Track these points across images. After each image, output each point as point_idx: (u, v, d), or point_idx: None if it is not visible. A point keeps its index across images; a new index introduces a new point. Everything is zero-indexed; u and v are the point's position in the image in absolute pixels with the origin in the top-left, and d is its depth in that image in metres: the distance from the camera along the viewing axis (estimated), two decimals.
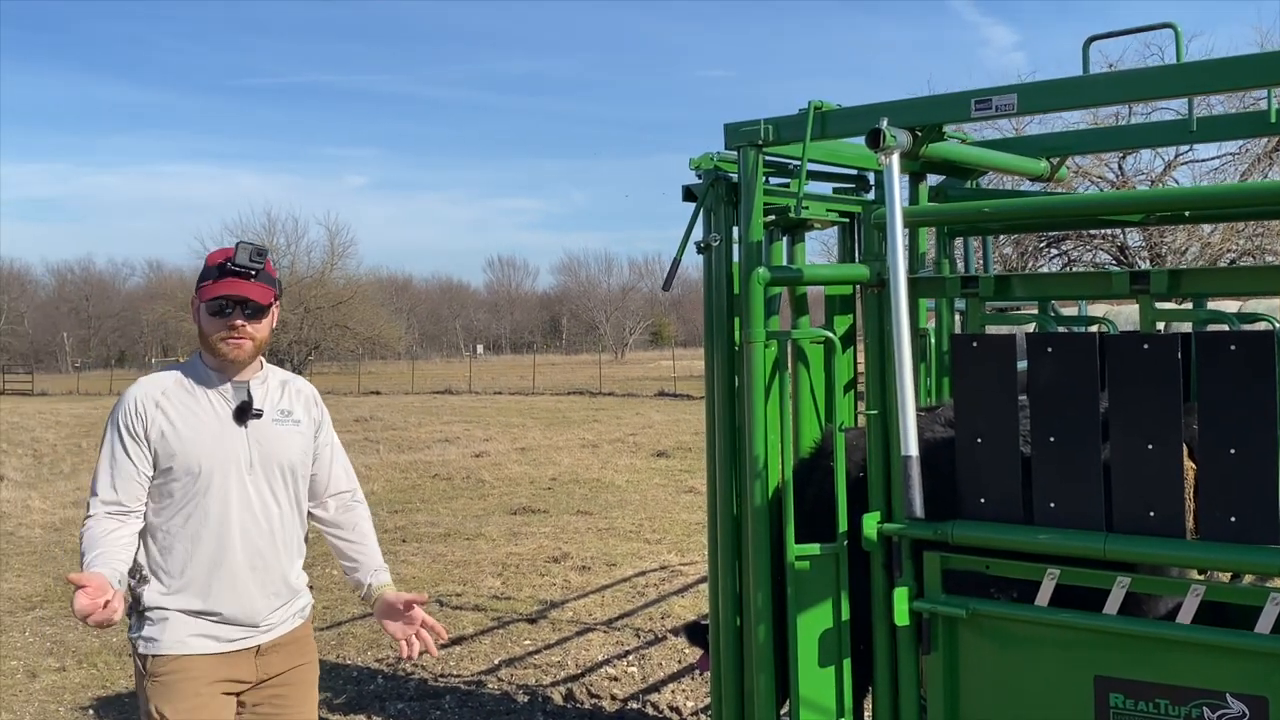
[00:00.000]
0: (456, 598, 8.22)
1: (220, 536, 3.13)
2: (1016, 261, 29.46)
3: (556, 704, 5.75)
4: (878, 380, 3.78)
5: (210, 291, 3.13)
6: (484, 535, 10.74)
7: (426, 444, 19.98)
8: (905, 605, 3.62)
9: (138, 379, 3.22)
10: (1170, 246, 29.02)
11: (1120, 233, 29.17)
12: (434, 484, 14.74)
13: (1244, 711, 3.20)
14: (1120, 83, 3.09)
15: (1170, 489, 3.25)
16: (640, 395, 33.64)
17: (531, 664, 6.47)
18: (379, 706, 5.84)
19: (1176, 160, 29.55)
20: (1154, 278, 3.30)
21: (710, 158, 4.02)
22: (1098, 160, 28.90)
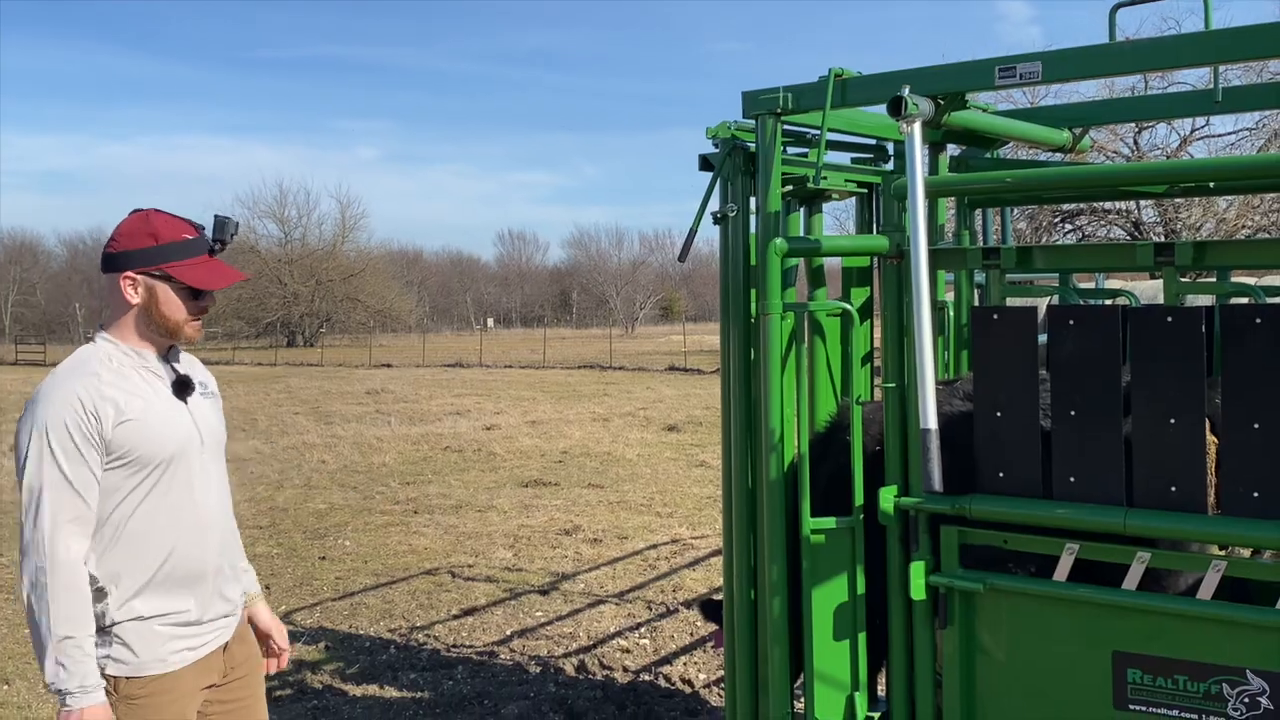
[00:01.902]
0: (468, 569, 8.24)
1: (193, 526, 2.87)
2: (1031, 236, 29.32)
3: (568, 675, 5.76)
4: (895, 353, 3.75)
5: (195, 275, 2.83)
6: (495, 507, 10.75)
7: (438, 416, 19.99)
8: (922, 580, 3.60)
9: (56, 375, 2.78)
10: (1185, 223, 28.87)
11: (1135, 208, 29.02)
12: (445, 456, 14.75)
13: (1264, 688, 3.17)
14: (1146, 51, 3.04)
15: (1192, 464, 3.22)
16: (651, 370, 33.61)
17: (543, 635, 6.48)
18: (391, 676, 5.86)
19: (1192, 135, 29.37)
20: (1179, 250, 3.25)
21: (728, 126, 3.97)
22: (1113, 135, 28.73)
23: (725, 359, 4.05)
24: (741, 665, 3.96)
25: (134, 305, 2.82)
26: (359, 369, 38.20)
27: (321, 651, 6.34)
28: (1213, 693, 3.24)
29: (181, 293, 2.83)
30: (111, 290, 2.85)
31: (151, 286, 2.81)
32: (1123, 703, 3.37)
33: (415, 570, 8.25)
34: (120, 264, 2.80)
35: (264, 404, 23.55)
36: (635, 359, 38.04)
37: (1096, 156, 27.74)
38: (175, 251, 2.81)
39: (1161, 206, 28.77)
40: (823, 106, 3.53)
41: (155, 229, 2.81)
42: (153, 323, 2.84)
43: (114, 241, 2.83)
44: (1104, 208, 28.79)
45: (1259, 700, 3.18)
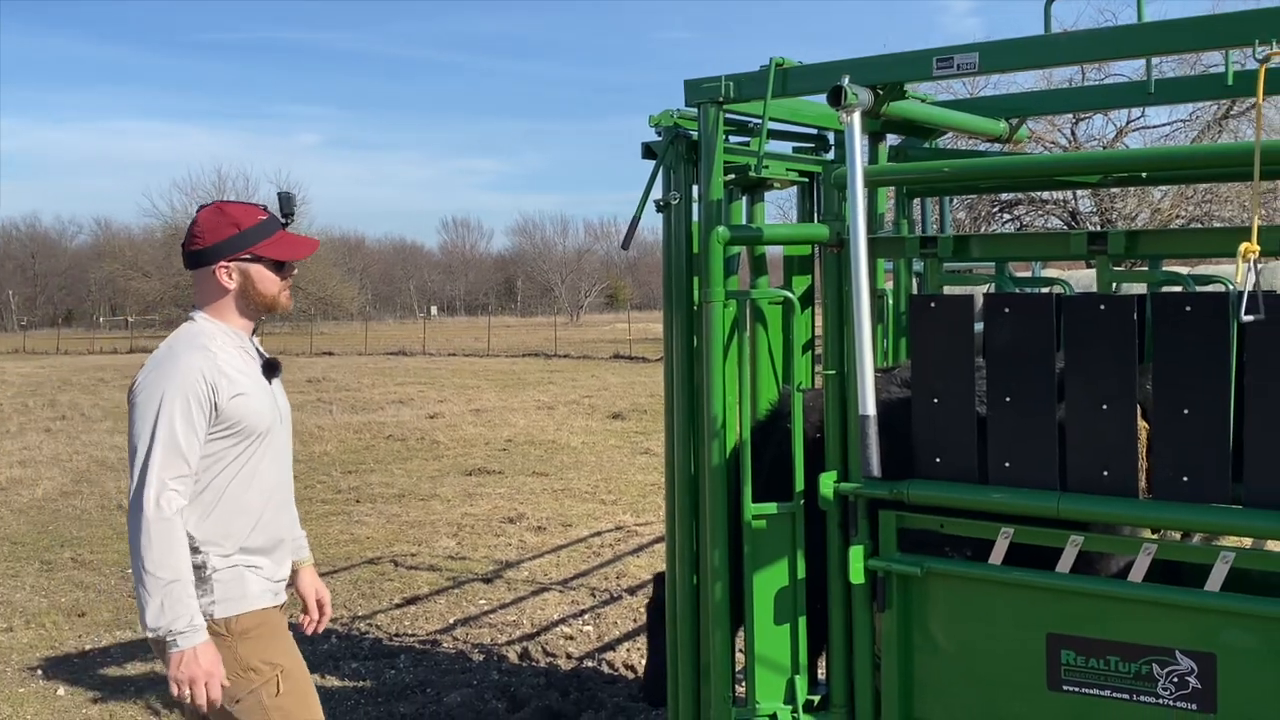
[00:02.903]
0: (411, 558, 8.20)
1: (275, 496, 3.15)
2: (970, 226, 29.66)
3: (512, 662, 5.76)
4: (836, 340, 3.78)
5: (279, 250, 3.11)
6: (439, 496, 10.71)
7: (380, 405, 19.85)
8: (861, 564, 3.64)
9: (173, 348, 2.99)
10: (1121, 212, 29.35)
11: (1072, 198, 29.45)
12: (388, 445, 14.66)
13: (1192, 667, 3.25)
14: (1081, 43, 3.09)
15: (1124, 449, 3.28)
16: (596, 358, 33.60)
17: (487, 623, 6.47)
18: (333, 666, 5.82)
19: (1128, 127, 29.85)
20: (1111, 239, 3.31)
21: (670, 115, 3.98)
22: (1051, 126, 29.13)
23: (668, 346, 4.07)
24: (683, 651, 3.99)
25: (230, 290, 3.07)
26: (300, 357, 37.77)
27: None
28: (1143, 673, 3.31)
29: (270, 268, 3.10)
30: (205, 281, 3.08)
31: (245, 270, 3.06)
32: (1056, 684, 3.44)
33: (357, 560, 8.20)
34: (211, 257, 3.04)
35: None
36: (580, 347, 37.99)
37: (1035, 147, 28.11)
38: (256, 234, 3.07)
39: (1098, 197, 29.22)
40: (764, 96, 3.55)
41: (234, 218, 3.06)
42: (251, 302, 3.10)
43: (197, 239, 3.05)
44: (1042, 198, 29.18)
45: (1187, 680, 3.26)
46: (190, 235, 3.09)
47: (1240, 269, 2.78)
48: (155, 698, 5.45)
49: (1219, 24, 2.92)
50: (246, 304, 3.10)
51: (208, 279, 3.08)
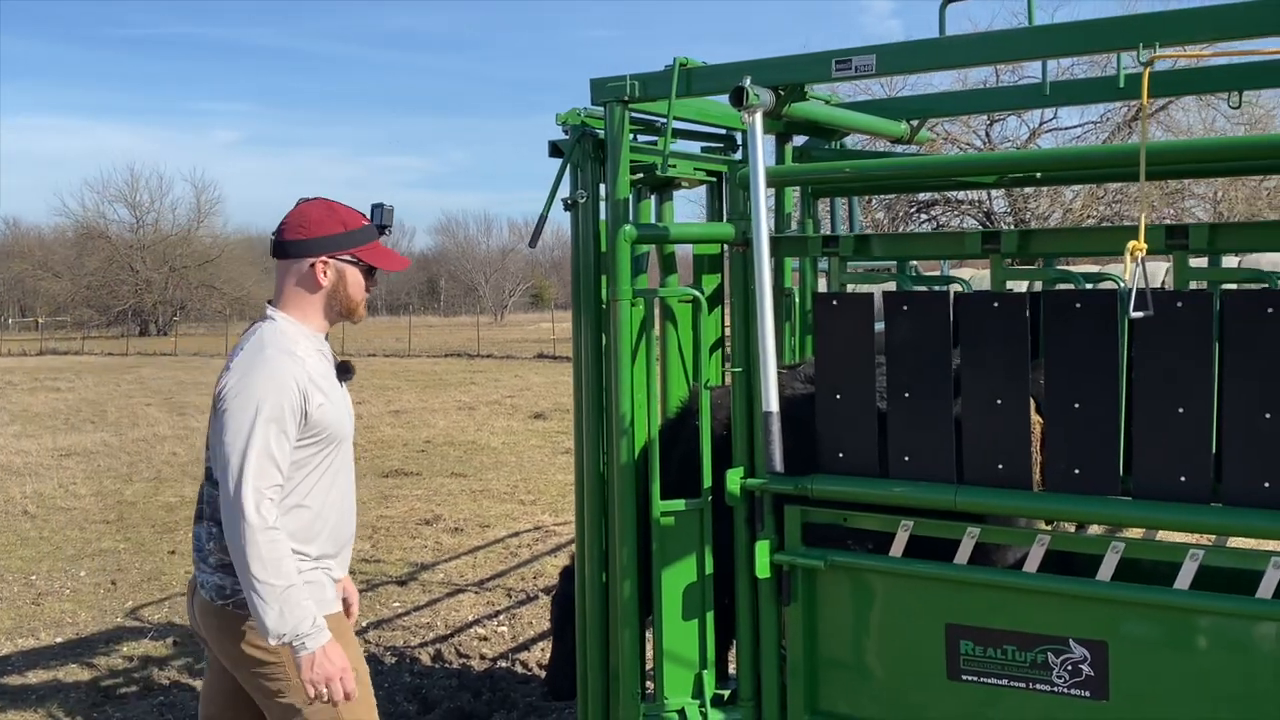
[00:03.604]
0: None
1: (346, 501, 3.15)
2: (888, 226, 30.08)
3: (424, 665, 5.72)
4: (743, 338, 3.82)
5: (377, 257, 3.08)
6: None
7: None
8: (766, 558, 3.68)
9: (265, 352, 2.92)
10: (1034, 212, 29.97)
11: (987, 198, 30.01)
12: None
13: (1085, 655, 3.34)
14: (975, 45, 3.16)
15: (1018, 443, 3.36)
16: (519, 357, 33.47)
17: (400, 626, 6.43)
18: None
19: (1041, 128, 30.51)
20: (1004, 238, 3.39)
21: (577, 113, 3.99)
22: (966, 127, 29.65)
23: (577, 345, 4.08)
24: (593, 648, 4.00)
25: (323, 288, 3.02)
26: (215, 358, 37.10)
27: (169, 647, 6.17)
28: (1039, 661, 3.39)
29: (364, 275, 3.08)
30: (295, 274, 3.02)
31: (341, 270, 3.02)
32: (956, 673, 3.51)
33: None
34: (314, 249, 2.99)
35: (114, 395, 22.73)
36: (504, 347, 37.83)
37: (950, 147, 28.59)
38: (360, 237, 3.04)
39: (1012, 197, 29.82)
40: (669, 95, 3.58)
41: (342, 216, 3.03)
42: (337, 304, 3.06)
43: (303, 228, 2.99)
44: (958, 198, 29.69)
45: (1081, 668, 3.35)
46: (293, 224, 3.03)
47: (1128, 267, 2.86)
48: (57, 705, 5.33)
49: (1104, 28, 3.01)
50: (331, 306, 3.07)
51: (300, 273, 3.02)
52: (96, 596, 7.30)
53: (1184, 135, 26.74)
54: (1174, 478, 3.15)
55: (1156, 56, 2.86)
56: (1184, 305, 3.08)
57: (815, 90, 4.27)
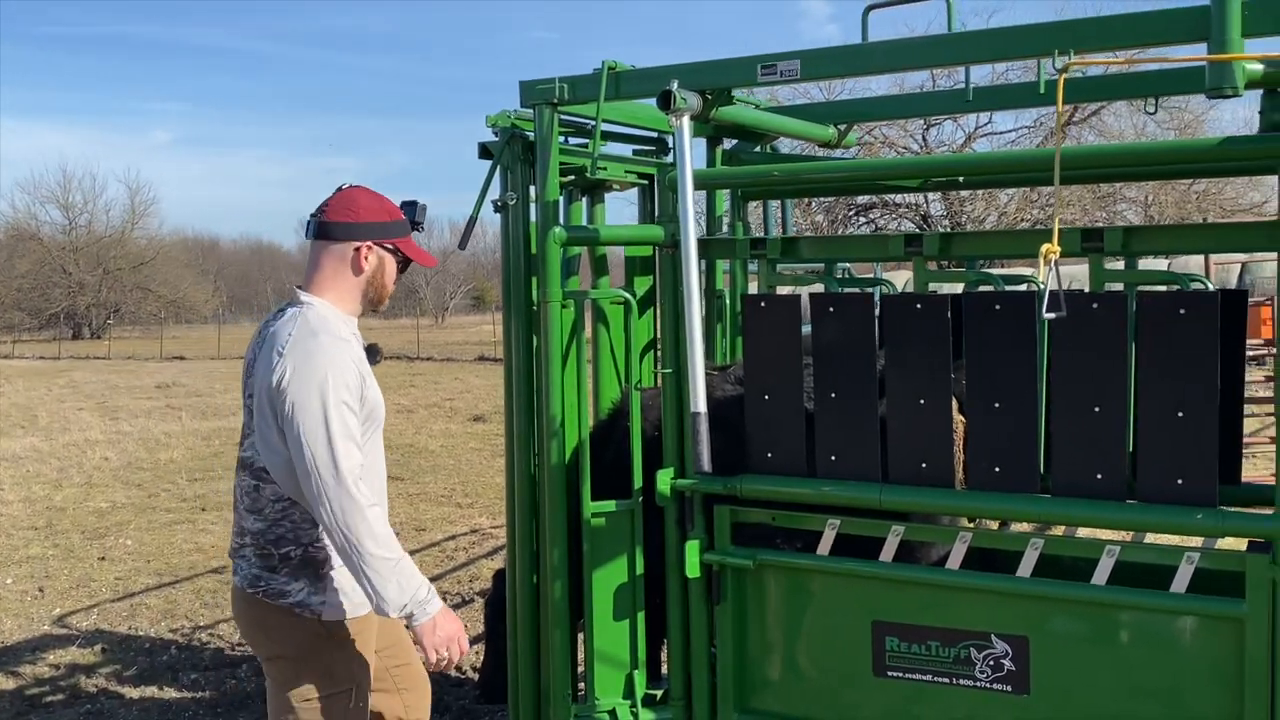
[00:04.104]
0: None
1: (381, 481, 3.13)
2: (828, 228, 30.35)
3: None
4: (674, 340, 3.85)
5: (413, 250, 3.11)
6: None
7: (232, 410, 19.31)
8: (696, 558, 3.71)
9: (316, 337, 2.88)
10: (970, 216, 30.40)
11: (924, 202, 30.41)
12: (235, 452, 14.26)
13: (1007, 650, 3.41)
14: (896, 51, 3.21)
15: (941, 441, 3.42)
16: (460, 360, 33.26)
17: None
18: (171, 677, 5.67)
19: (977, 132, 30.95)
20: (926, 241, 3.45)
21: (507, 115, 4.00)
22: (903, 131, 30.02)
23: (508, 347, 4.09)
24: (524, 649, 4.00)
25: (364, 273, 3.02)
26: (149, 362, 36.54)
27: (98, 654, 6.08)
28: (962, 657, 3.45)
29: (398, 266, 3.11)
30: (337, 256, 3.01)
31: (382, 258, 3.04)
32: (882, 670, 3.56)
33: (201, 569, 7.99)
34: (361, 233, 3.00)
35: (45, 399, 22.29)
36: (444, 349, 37.56)
37: (887, 151, 28.92)
38: (401, 229, 3.08)
39: (948, 200, 30.23)
40: (597, 98, 3.60)
41: (388, 206, 3.07)
42: (373, 291, 3.07)
43: (352, 212, 3.00)
44: (895, 201, 30.05)
45: (1003, 663, 3.41)
46: (339, 207, 3.02)
47: (1042, 269, 2.92)
48: None
49: (1022, 35, 3.07)
50: (367, 292, 3.08)
51: (342, 257, 3.01)
52: (23, 604, 7.17)
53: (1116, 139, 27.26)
54: (1091, 475, 3.22)
55: (1072, 63, 2.92)
56: (1099, 306, 3.15)
57: (755, 94, 4.32)
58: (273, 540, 2.93)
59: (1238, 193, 29.33)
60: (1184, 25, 2.87)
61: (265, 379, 2.87)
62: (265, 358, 2.91)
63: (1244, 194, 29.16)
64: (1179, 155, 3.69)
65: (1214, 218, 27.25)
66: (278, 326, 2.96)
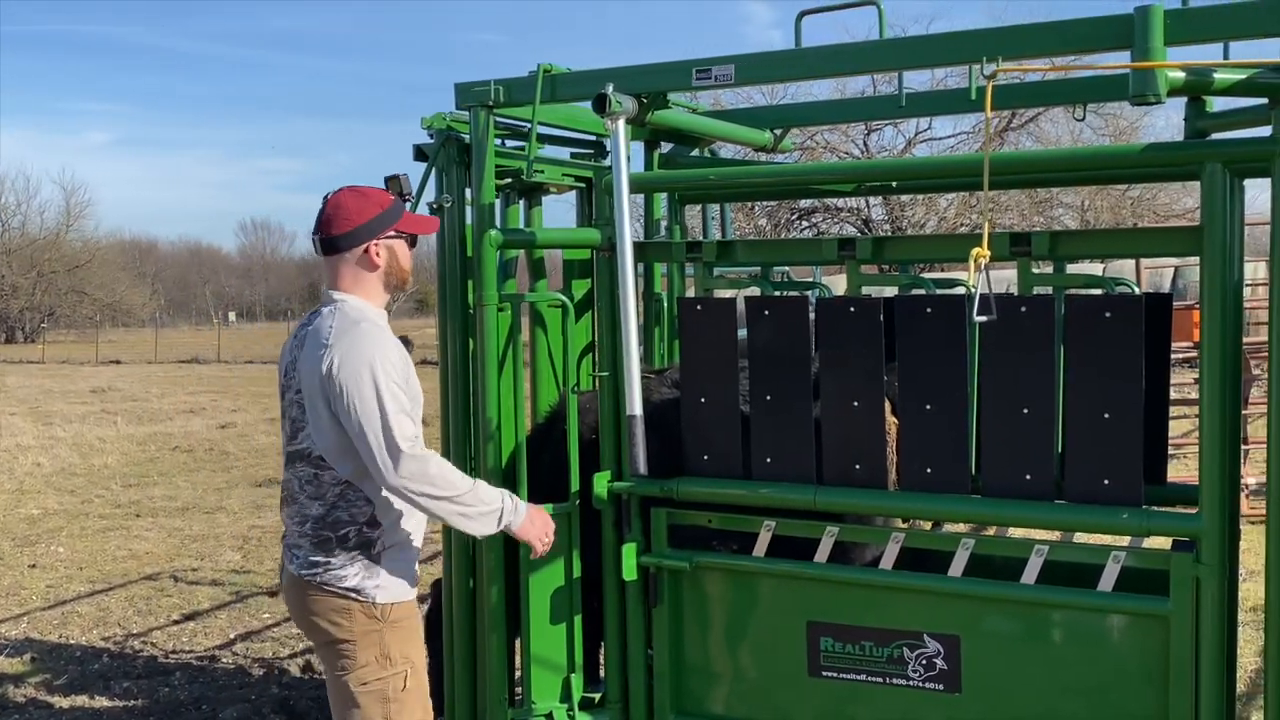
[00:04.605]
0: (193, 573, 7.91)
1: None
2: (771, 232, 30.51)
3: (293, 675, 5.63)
4: (610, 343, 3.85)
5: (415, 225, 3.19)
6: (225, 509, 10.36)
7: (169, 415, 19.04)
8: (633, 561, 3.72)
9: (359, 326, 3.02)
10: (910, 220, 30.72)
11: (865, 206, 30.66)
12: (174, 456, 14.08)
13: (939, 649, 3.44)
14: (828, 56, 3.24)
15: (874, 443, 3.45)
16: None
17: (270, 637, 6.30)
18: (103, 686, 5.57)
19: (917, 138, 31.26)
20: (859, 245, 3.48)
21: (443, 117, 3.97)
22: (845, 136, 30.25)
23: (443, 350, 4.06)
24: (460, 653, 3.98)
25: (379, 267, 3.11)
26: (85, 366, 35.89)
27: (27, 663, 5.97)
28: (895, 656, 3.49)
29: (408, 244, 3.19)
30: (349, 264, 3.10)
31: (390, 247, 3.11)
32: (816, 670, 3.59)
33: (135, 576, 7.86)
34: (363, 236, 3.07)
35: None
36: None
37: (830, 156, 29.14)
38: (395, 212, 3.13)
39: (889, 205, 30.52)
40: (533, 100, 3.59)
41: (375, 198, 3.11)
42: (392, 278, 3.15)
43: (346, 220, 3.06)
44: (837, 205, 30.27)
45: (935, 661, 3.45)
46: (335, 219, 3.07)
47: (972, 273, 2.95)
48: None
49: (951, 41, 3.11)
50: (388, 281, 3.16)
51: (355, 261, 3.10)
52: None
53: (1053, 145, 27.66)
54: (1020, 476, 3.27)
55: (1000, 69, 2.96)
56: (1027, 310, 3.20)
57: (699, 99, 4.33)
58: (331, 523, 3.03)
59: (1172, 198, 29.85)
60: (1109, 33, 2.92)
61: (313, 371, 2.99)
62: (310, 353, 3.02)
63: (1178, 200, 29.68)
64: (1105, 161, 3.76)
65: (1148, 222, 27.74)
66: (317, 324, 3.08)
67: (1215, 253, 3.03)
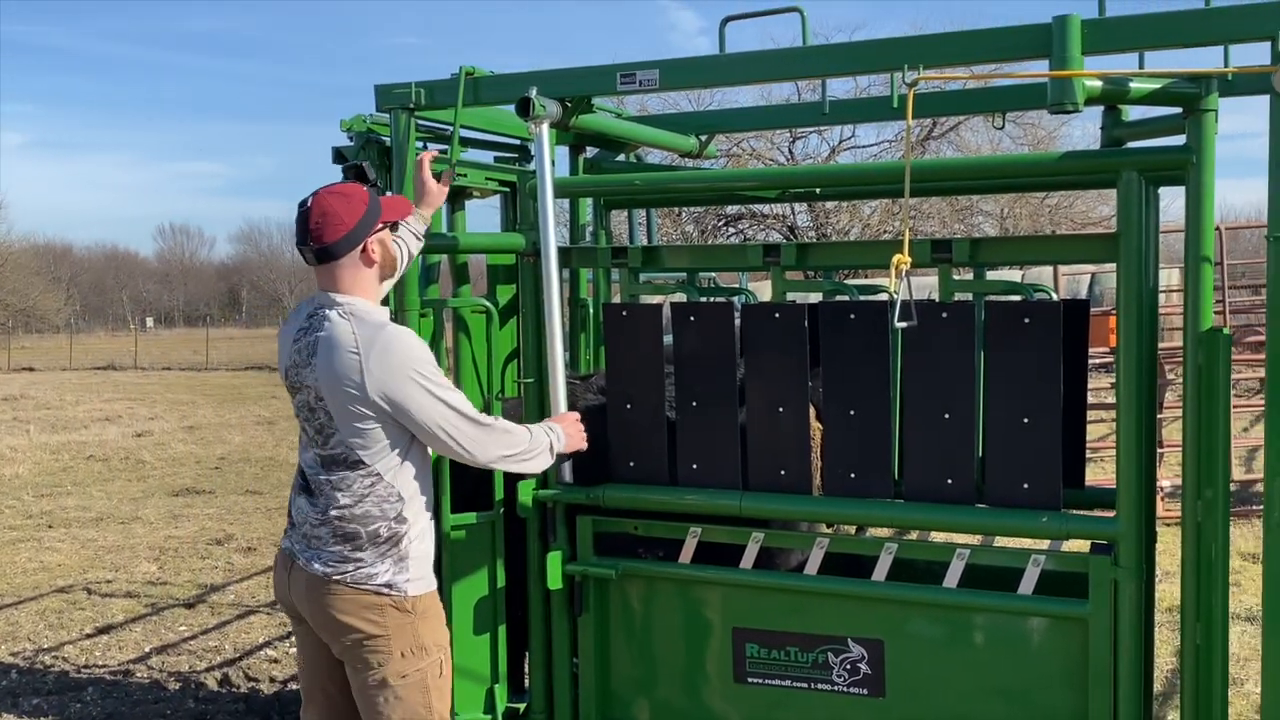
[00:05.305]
0: (107, 584, 7.70)
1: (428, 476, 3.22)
2: (697, 238, 30.65)
3: (210, 689, 5.49)
4: (535, 349, 3.82)
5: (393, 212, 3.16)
6: (141, 518, 10.10)
7: (84, 423, 18.56)
8: (559, 569, 3.68)
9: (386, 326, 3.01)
10: (834, 227, 31.03)
11: (791, 213, 30.91)
12: (88, 466, 13.72)
13: (863, 654, 3.46)
14: (752, 63, 3.24)
15: (799, 449, 3.46)
16: None
17: (186, 650, 6.15)
18: (11, 703, 5.39)
19: (841, 146, 31.58)
20: (784, 251, 3.49)
21: (363, 120, 3.92)
22: (770, 144, 30.48)
23: None
24: None
25: (375, 263, 3.09)
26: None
27: None
28: (820, 661, 3.50)
29: (390, 231, 3.18)
30: (349, 264, 3.04)
31: (380, 239, 3.09)
32: (742, 676, 3.59)
33: (46, 589, 7.63)
34: (358, 237, 3.02)
35: None
36: None
37: (755, 163, 29.33)
38: (376, 204, 3.08)
39: (814, 211, 30.80)
40: (455, 104, 3.54)
41: (357, 196, 3.06)
42: (385, 270, 3.16)
43: (337, 226, 3.00)
44: (763, 212, 30.47)
45: (859, 666, 3.46)
46: (326, 226, 3.00)
47: (894, 279, 2.97)
48: None
49: (873, 49, 3.12)
50: (382, 274, 3.16)
51: (352, 262, 3.05)
52: None
53: (973, 153, 28.10)
54: (941, 480, 3.30)
55: (921, 78, 2.98)
56: (948, 316, 3.23)
57: (625, 104, 4.31)
58: (360, 516, 3.00)
59: (1088, 206, 30.48)
60: (1027, 42, 2.96)
61: (341, 377, 2.94)
62: (336, 360, 2.95)
63: (1094, 208, 30.31)
64: (1024, 169, 3.81)
65: (1065, 230, 28.31)
66: (330, 330, 2.99)
67: (1131, 259, 3.08)
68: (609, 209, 4.55)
